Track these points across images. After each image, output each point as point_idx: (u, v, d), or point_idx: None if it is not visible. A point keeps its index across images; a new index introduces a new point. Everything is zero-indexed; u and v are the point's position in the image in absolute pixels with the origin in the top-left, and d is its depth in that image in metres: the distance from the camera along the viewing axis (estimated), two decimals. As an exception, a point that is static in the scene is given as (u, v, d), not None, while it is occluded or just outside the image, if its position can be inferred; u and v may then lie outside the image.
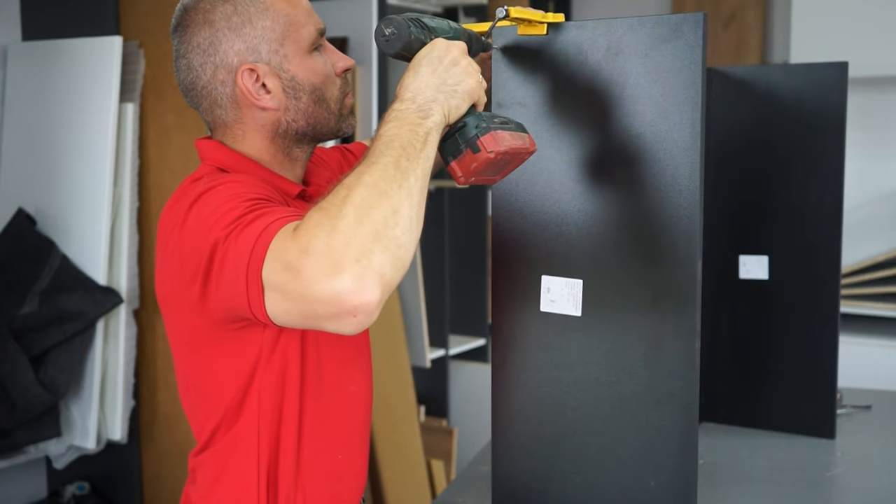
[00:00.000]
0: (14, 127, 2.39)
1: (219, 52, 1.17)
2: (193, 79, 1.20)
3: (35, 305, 2.16)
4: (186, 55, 1.19)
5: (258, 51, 1.17)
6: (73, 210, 2.27)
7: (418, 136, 1.02)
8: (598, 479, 1.29)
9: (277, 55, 1.18)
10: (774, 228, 1.78)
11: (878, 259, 2.91)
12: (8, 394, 2.07)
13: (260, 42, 1.17)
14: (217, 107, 1.20)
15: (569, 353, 1.29)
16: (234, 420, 1.17)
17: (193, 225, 1.07)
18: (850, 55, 1.86)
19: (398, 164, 0.98)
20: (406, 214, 0.96)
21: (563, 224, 1.27)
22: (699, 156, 1.17)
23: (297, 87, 1.20)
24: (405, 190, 0.97)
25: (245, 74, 1.17)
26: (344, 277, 0.90)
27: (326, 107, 1.22)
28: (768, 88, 1.75)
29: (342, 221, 0.92)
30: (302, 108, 1.20)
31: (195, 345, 1.16)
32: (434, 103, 1.07)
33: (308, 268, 0.91)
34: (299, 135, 1.22)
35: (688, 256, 1.19)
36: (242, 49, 1.17)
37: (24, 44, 2.41)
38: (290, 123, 1.21)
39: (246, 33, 1.17)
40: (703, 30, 1.16)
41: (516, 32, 1.28)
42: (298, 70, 1.19)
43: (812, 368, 1.77)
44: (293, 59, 1.19)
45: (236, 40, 1.17)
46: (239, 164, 1.21)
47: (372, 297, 0.91)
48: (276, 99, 1.19)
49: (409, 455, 2.69)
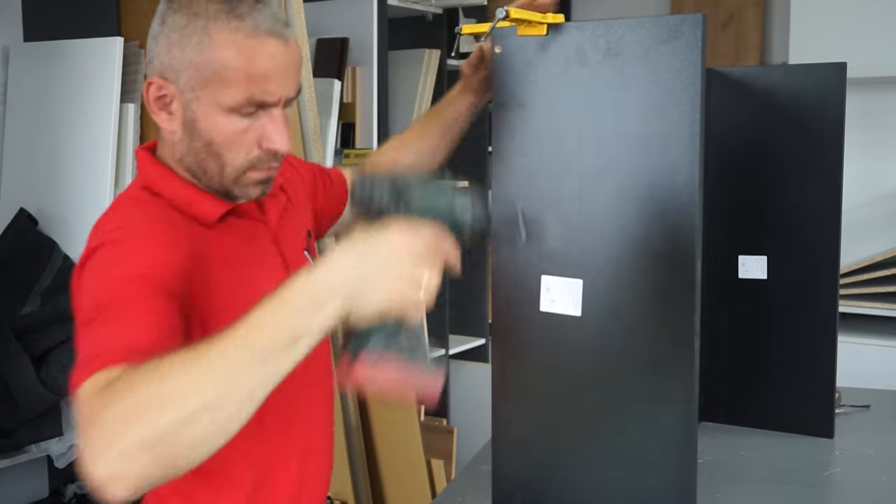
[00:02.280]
0: (16, 127, 2.40)
1: (155, 49, 1.11)
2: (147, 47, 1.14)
3: (37, 305, 2.17)
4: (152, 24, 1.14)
5: (177, 76, 1.09)
6: (74, 210, 2.28)
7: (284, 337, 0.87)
8: (597, 479, 1.30)
9: (192, 93, 1.09)
10: (773, 228, 1.78)
11: (876, 259, 2.91)
12: (10, 393, 2.07)
13: (182, 71, 1.08)
14: None
15: (569, 353, 1.29)
16: None
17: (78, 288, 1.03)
18: (848, 56, 1.87)
19: (232, 375, 0.85)
20: (204, 429, 0.84)
21: (563, 224, 1.28)
22: (699, 156, 1.18)
23: (196, 130, 1.11)
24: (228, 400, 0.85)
25: (152, 86, 1.10)
26: (100, 469, 0.83)
27: (221, 165, 1.12)
28: (767, 89, 1.76)
29: (128, 413, 0.83)
30: (194, 149, 1.12)
31: None
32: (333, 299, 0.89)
33: (86, 440, 0.84)
34: (189, 171, 1.15)
35: (687, 256, 1.19)
36: (166, 64, 1.10)
37: (25, 45, 2.42)
38: (183, 157, 1.14)
39: (175, 55, 1.09)
40: (702, 31, 1.17)
41: (516, 33, 1.28)
42: (202, 118, 1.09)
43: (811, 368, 1.78)
44: (204, 106, 1.09)
45: (165, 53, 1.10)
46: (160, 184, 1.14)
47: (118, 494, 0.84)
48: (174, 124, 1.12)
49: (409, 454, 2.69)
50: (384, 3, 2.72)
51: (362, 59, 2.73)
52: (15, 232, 2.29)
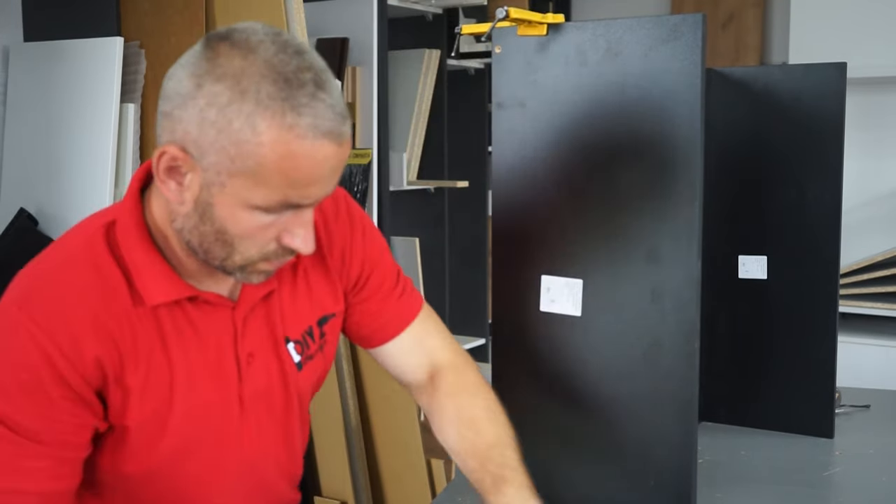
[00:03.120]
0: (16, 127, 2.40)
1: (180, 111, 0.93)
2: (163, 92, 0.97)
3: (37, 305, 2.17)
4: (175, 72, 0.96)
5: (203, 154, 0.92)
6: (74, 210, 2.28)
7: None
8: (597, 479, 1.30)
9: (217, 177, 0.93)
10: (773, 228, 1.78)
11: (876, 258, 2.91)
12: (10, 393, 2.07)
13: (213, 154, 0.92)
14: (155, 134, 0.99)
15: (569, 353, 1.29)
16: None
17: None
18: (848, 56, 1.87)
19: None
20: None
21: (563, 224, 1.28)
22: (699, 156, 1.18)
23: (209, 215, 0.96)
24: None
25: (166, 156, 0.94)
26: None
27: (229, 252, 0.99)
28: (767, 89, 1.76)
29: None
30: (201, 231, 0.98)
31: None
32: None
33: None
34: (188, 246, 1.01)
35: (687, 256, 1.19)
36: (191, 137, 0.92)
37: (25, 45, 2.42)
38: (184, 231, 0.99)
39: (207, 133, 0.91)
40: (702, 31, 1.17)
41: (516, 33, 1.28)
42: (221, 206, 0.95)
43: (811, 368, 1.78)
44: (227, 197, 0.94)
45: (194, 126, 0.92)
46: (124, 240, 1.01)
47: None
48: (183, 196, 0.96)
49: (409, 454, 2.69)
50: (384, 3, 2.72)
51: (362, 59, 2.73)
52: (15, 232, 2.29)
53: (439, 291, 3.15)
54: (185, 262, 1.04)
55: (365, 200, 2.70)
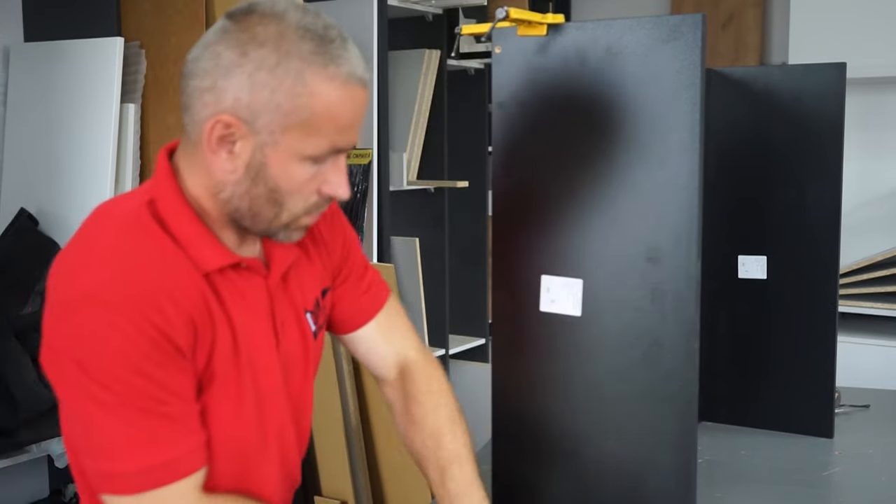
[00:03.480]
0: (16, 127, 2.40)
1: (226, 80, 1.00)
2: (192, 71, 1.03)
3: (37, 305, 2.17)
4: (206, 48, 1.02)
5: (255, 116, 1.00)
6: (74, 210, 2.28)
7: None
8: (597, 479, 1.30)
9: (270, 136, 1.01)
10: (773, 228, 1.79)
11: (876, 258, 2.91)
12: (10, 393, 2.07)
13: (263, 112, 1.00)
14: (188, 113, 1.04)
15: (569, 353, 1.29)
16: None
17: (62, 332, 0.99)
18: (848, 56, 1.87)
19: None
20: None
21: (563, 224, 1.28)
22: (699, 156, 1.18)
23: (262, 175, 1.03)
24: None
25: (219, 125, 1.00)
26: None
27: (277, 212, 1.06)
28: (767, 89, 1.76)
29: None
30: (252, 194, 1.04)
31: None
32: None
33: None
34: (236, 213, 1.07)
35: (687, 256, 1.20)
36: (244, 103, 1.00)
37: (26, 45, 2.42)
38: (234, 198, 1.05)
39: (259, 95, 0.99)
40: (701, 31, 1.17)
41: (516, 33, 1.28)
42: (275, 163, 1.02)
43: (810, 368, 1.78)
44: (281, 152, 1.02)
45: (246, 91, 0.99)
46: (170, 213, 1.05)
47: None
48: (235, 163, 1.03)
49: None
50: (384, 3, 2.72)
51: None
52: (15, 232, 2.29)
53: (439, 291, 3.15)
54: (223, 233, 1.09)
55: (365, 200, 2.70)
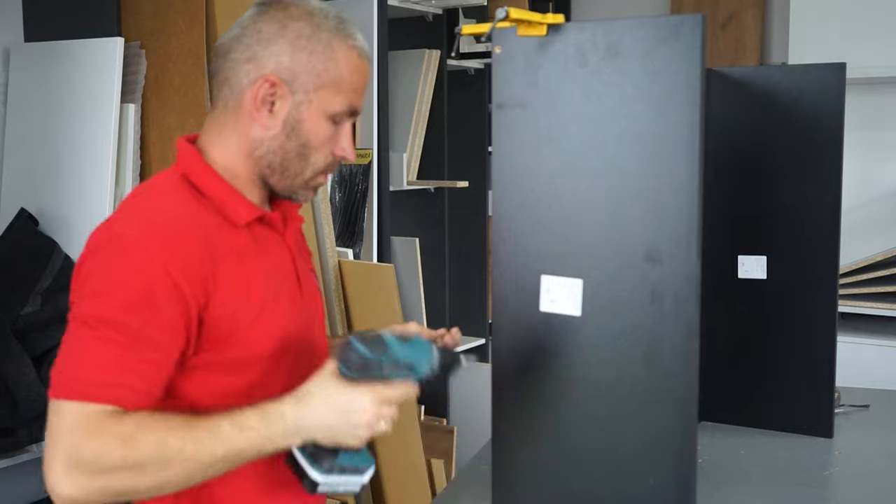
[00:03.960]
0: (16, 128, 2.40)
1: (267, 49, 1.20)
2: (231, 48, 1.22)
3: (37, 305, 2.17)
4: (244, 28, 1.22)
5: (294, 77, 1.20)
6: (75, 210, 2.28)
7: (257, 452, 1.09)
8: (597, 479, 1.30)
9: (305, 95, 1.21)
10: (773, 228, 1.79)
11: (875, 258, 2.91)
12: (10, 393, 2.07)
13: (302, 73, 1.20)
14: (227, 86, 1.22)
15: (569, 353, 1.29)
16: None
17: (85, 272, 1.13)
18: (847, 56, 1.87)
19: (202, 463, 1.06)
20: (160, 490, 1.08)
21: (563, 224, 1.28)
22: (698, 156, 1.18)
23: (297, 130, 1.22)
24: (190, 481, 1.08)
25: (266, 84, 1.20)
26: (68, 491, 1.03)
27: (303, 167, 1.24)
28: (767, 89, 1.76)
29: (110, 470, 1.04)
30: (286, 148, 1.22)
31: None
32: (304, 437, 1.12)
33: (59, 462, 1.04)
34: (269, 169, 1.24)
35: (687, 256, 1.20)
36: (285, 65, 1.20)
37: (26, 45, 2.42)
38: (268, 153, 1.23)
39: (298, 58, 1.20)
40: (701, 31, 1.17)
41: (516, 33, 1.29)
42: (308, 119, 1.22)
43: (810, 368, 1.78)
44: (313, 109, 1.21)
45: (287, 55, 1.20)
46: (203, 181, 1.22)
47: None
48: (274, 120, 1.21)
49: (409, 454, 2.69)
50: (384, 3, 2.72)
51: (362, 59, 2.72)
52: (15, 232, 2.29)
53: (439, 291, 3.15)
54: (250, 194, 1.25)
55: (365, 200, 2.70)
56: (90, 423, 1.04)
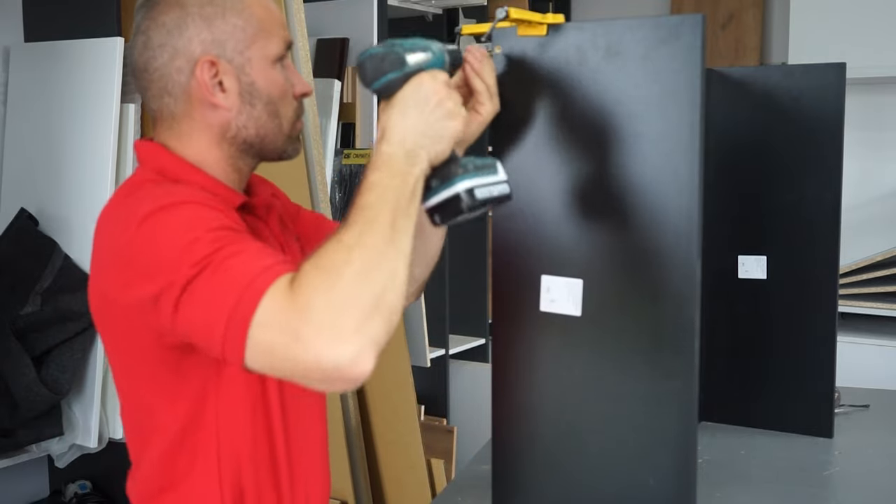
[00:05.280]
0: (16, 127, 2.40)
1: (183, 37, 1.12)
2: (148, 59, 1.14)
3: (37, 305, 2.17)
4: (147, 32, 1.14)
5: (223, 46, 1.13)
6: (75, 210, 2.28)
7: (408, 187, 1.01)
8: (597, 479, 1.30)
9: (242, 56, 1.14)
10: (773, 228, 1.79)
11: (876, 258, 2.91)
12: (10, 393, 2.07)
13: (228, 38, 1.13)
14: (167, 94, 1.15)
15: (569, 353, 1.29)
16: (188, 442, 1.13)
17: (147, 246, 1.01)
18: (848, 56, 1.87)
19: (395, 223, 0.97)
20: (401, 279, 0.94)
21: (563, 224, 1.28)
22: (698, 156, 1.18)
23: (255, 93, 1.15)
24: (402, 253, 0.96)
25: (205, 66, 1.12)
26: (345, 348, 0.88)
27: (279, 123, 1.18)
28: (767, 89, 1.76)
29: (342, 283, 0.90)
30: (255, 116, 1.16)
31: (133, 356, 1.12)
32: (422, 150, 1.05)
33: (307, 335, 0.88)
34: (246, 144, 1.17)
35: (687, 256, 1.20)
36: (208, 40, 1.12)
37: (26, 45, 2.42)
38: (240, 129, 1.16)
39: (216, 26, 1.13)
40: (701, 31, 1.17)
41: (516, 33, 1.28)
42: (259, 77, 1.15)
43: (810, 368, 1.78)
44: (256, 64, 1.15)
45: (204, 30, 1.12)
46: (180, 171, 1.15)
47: (368, 367, 0.90)
48: (229, 99, 1.14)
49: (409, 454, 2.69)
50: (384, 3, 2.72)
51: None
52: (15, 232, 2.29)
53: (439, 291, 3.15)
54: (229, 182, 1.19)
55: (365, 200, 2.69)
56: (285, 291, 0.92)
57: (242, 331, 0.93)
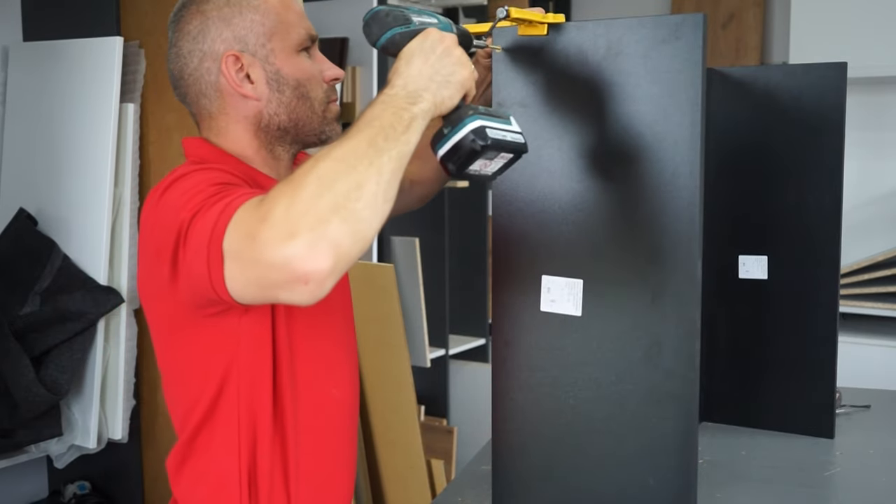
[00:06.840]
0: (15, 127, 2.40)
1: (206, 40, 1.20)
2: (181, 67, 1.22)
3: (36, 305, 2.17)
4: (177, 43, 1.22)
5: (245, 41, 1.20)
6: (74, 210, 2.28)
7: (402, 120, 1.02)
8: (597, 479, 1.29)
9: (264, 49, 1.20)
10: (773, 228, 1.78)
11: (876, 258, 2.91)
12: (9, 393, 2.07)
13: (248, 33, 1.20)
14: (202, 96, 1.22)
15: (569, 353, 1.29)
16: (212, 417, 1.18)
17: (164, 209, 1.09)
18: (848, 56, 1.86)
19: (373, 141, 0.98)
20: (371, 191, 0.95)
21: (563, 224, 1.28)
22: (699, 156, 1.18)
23: (281, 80, 1.21)
24: (375, 167, 0.96)
25: (229, 61, 1.19)
26: (296, 243, 0.90)
27: (310, 105, 1.24)
28: (767, 89, 1.76)
29: (303, 191, 0.93)
30: (285, 102, 1.22)
31: (170, 333, 1.18)
32: (425, 91, 1.07)
33: (264, 233, 0.92)
34: (281, 130, 1.23)
35: (688, 256, 1.19)
36: (230, 37, 1.19)
37: (25, 44, 2.42)
38: (272, 117, 1.22)
39: (235, 23, 1.20)
40: (702, 30, 1.17)
41: (517, 33, 1.28)
42: (284, 65, 1.21)
43: (811, 368, 1.78)
44: (279, 54, 1.21)
45: (224, 29, 1.19)
46: (220, 159, 1.21)
47: (323, 265, 0.91)
48: (258, 89, 1.20)
49: (409, 454, 2.69)
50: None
51: (362, 59, 2.73)
52: (15, 232, 2.29)
53: (439, 291, 3.15)
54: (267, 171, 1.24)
55: (365, 200, 2.69)
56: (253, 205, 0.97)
57: (218, 249, 0.98)
